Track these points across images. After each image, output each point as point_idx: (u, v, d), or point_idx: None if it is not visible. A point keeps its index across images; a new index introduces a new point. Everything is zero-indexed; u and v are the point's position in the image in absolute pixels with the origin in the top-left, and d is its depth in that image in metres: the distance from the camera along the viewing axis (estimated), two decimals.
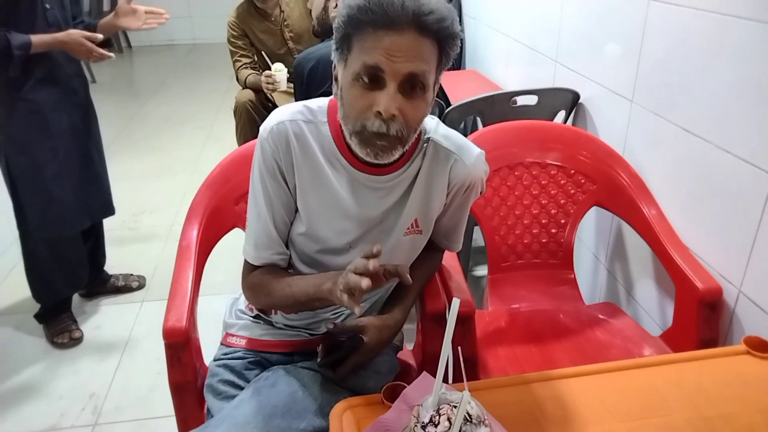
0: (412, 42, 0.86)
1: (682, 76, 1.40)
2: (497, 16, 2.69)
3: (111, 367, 1.99)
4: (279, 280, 1.04)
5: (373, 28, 0.86)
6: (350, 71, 0.90)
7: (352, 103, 0.90)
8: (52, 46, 1.76)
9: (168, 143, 4.00)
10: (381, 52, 0.86)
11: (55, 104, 1.88)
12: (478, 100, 1.83)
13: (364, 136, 0.91)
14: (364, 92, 0.89)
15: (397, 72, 0.86)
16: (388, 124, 0.89)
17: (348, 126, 0.93)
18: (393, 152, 0.93)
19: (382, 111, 0.87)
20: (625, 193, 1.53)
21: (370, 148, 0.92)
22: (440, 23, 0.87)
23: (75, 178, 2.00)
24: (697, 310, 1.29)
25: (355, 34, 0.88)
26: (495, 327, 1.48)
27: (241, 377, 1.08)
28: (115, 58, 1.95)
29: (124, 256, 2.60)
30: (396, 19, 0.85)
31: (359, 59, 0.88)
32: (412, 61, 0.87)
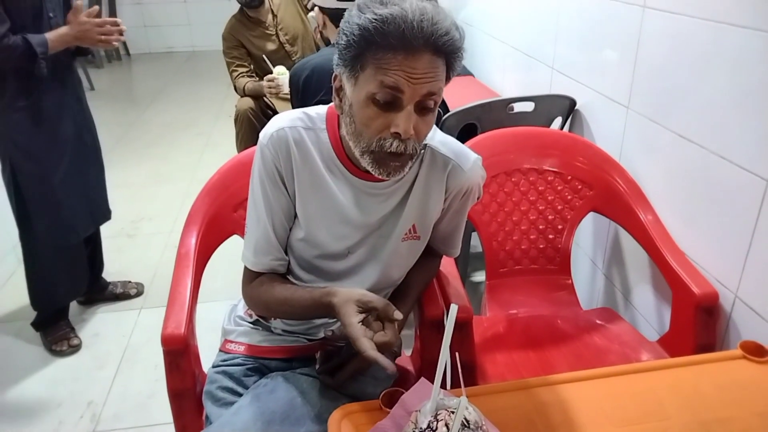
0: (428, 64, 0.86)
1: (677, 83, 1.41)
2: (494, 24, 2.71)
3: (109, 374, 1.98)
4: (277, 290, 1.05)
5: (389, 50, 0.85)
6: (364, 91, 0.89)
7: (367, 123, 0.90)
8: (66, 41, 1.77)
9: (167, 150, 4.01)
10: (400, 74, 0.85)
11: (60, 111, 1.89)
12: (475, 106, 1.84)
13: (379, 156, 0.92)
14: (380, 113, 0.89)
15: (416, 94, 0.87)
16: (406, 144, 0.90)
17: (361, 144, 0.93)
18: (404, 170, 0.95)
19: (401, 132, 0.88)
20: (621, 199, 1.54)
21: (383, 168, 0.93)
22: (452, 42, 0.87)
23: (80, 184, 2.02)
24: (694, 314, 1.29)
25: (369, 55, 0.87)
26: (493, 333, 1.48)
27: (240, 384, 1.08)
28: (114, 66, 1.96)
29: (122, 263, 2.60)
30: (413, 42, 0.84)
31: (375, 79, 0.87)
32: (429, 82, 0.87)
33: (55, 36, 1.75)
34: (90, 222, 2.13)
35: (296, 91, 1.74)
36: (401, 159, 0.92)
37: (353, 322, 0.89)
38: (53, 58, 1.81)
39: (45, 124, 1.86)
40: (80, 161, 2.02)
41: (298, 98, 1.74)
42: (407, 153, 0.91)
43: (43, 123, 1.86)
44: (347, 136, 0.96)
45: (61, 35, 1.76)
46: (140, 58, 6.80)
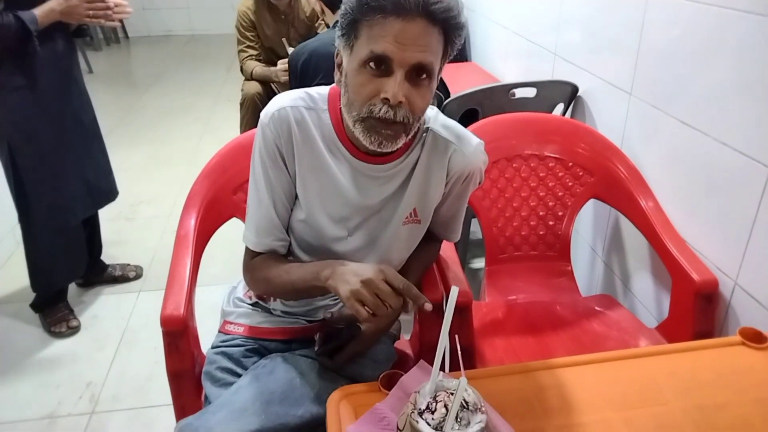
0: (421, 30, 0.86)
1: (680, 69, 1.40)
2: (496, 9, 2.69)
3: (108, 356, 1.99)
4: (278, 267, 1.04)
5: (382, 15, 0.86)
6: (357, 57, 0.89)
7: (358, 90, 0.90)
8: (51, 18, 1.74)
9: (165, 134, 3.99)
10: (390, 39, 0.86)
11: (57, 92, 1.87)
12: (477, 91, 1.83)
13: (369, 123, 0.91)
14: (371, 78, 0.89)
15: (405, 60, 0.87)
16: (395, 110, 0.89)
17: (353, 113, 0.92)
18: (397, 140, 0.93)
19: (390, 97, 0.87)
20: (622, 186, 1.53)
21: (375, 136, 0.92)
22: (448, 13, 0.87)
23: (79, 165, 2.00)
24: (693, 301, 1.29)
25: (364, 20, 0.88)
26: (492, 318, 1.49)
27: (239, 365, 1.08)
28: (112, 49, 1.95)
29: (121, 247, 2.59)
30: (406, 6, 0.84)
31: (367, 46, 0.87)
32: (421, 51, 0.87)
33: (41, 12, 1.72)
34: (90, 203, 2.11)
35: (295, 74, 1.75)
36: (392, 127, 0.91)
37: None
38: (50, 38, 1.79)
39: (42, 104, 1.84)
40: (79, 142, 2.00)
41: (296, 81, 1.75)
42: (397, 120, 0.90)
43: (40, 103, 1.84)
44: (343, 110, 0.96)
45: (47, 11, 1.73)
46: (139, 41, 6.74)
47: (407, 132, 0.93)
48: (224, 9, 6.52)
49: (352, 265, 0.93)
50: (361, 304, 0.86)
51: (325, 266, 0.96)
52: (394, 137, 0.92)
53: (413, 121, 0.92)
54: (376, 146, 0.93)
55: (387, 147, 0.94)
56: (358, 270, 0.90)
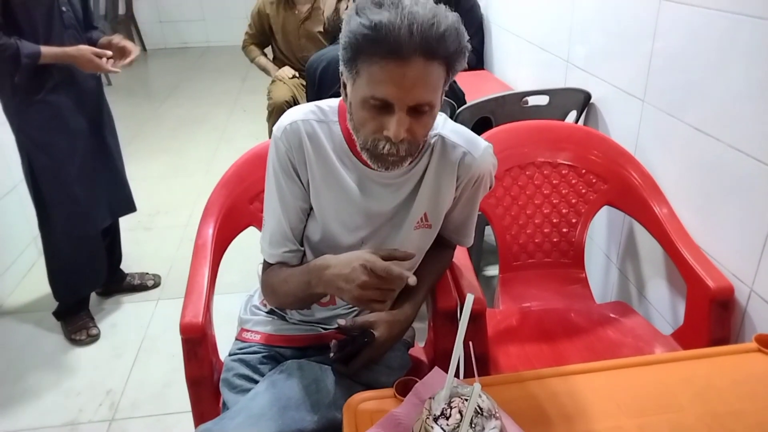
0: (420, 71, 0.86)
1: (693, 76, 1.40)
2: (508, 17, 2.70)
3: (127, 363, 2.02)
4: (278, 277, 1.07)
5: (380, 58, 0.85)
6: (359, 94, 0.91)
7: (362, 123, 0.93)
8: (60, 59, 1.78)
9: (182, 144, 4.05)
10: (389, 84, 0.86)
11: (73, 105, 1.91)
12: (489, 100, 1.84)
13: (374, 154, 0.94)
14: (374, 116, 0.91)
15: (406, 103, 0.88)
16: (398, 146, 0.92)
17: (359, 140, 0.96)
18: (403, 164, 0.98)
19: (392, 137, 0.90)
20: (636, 193, 1.53)
21: (381, 163, 0.96)
22: (448, 45, 0.86)
23: (96, 176, 2.04)
24: (709, 308, 1.29)
25: (362, 60, 0.88)
26: (506, 325, 1.49)
27: (256, 371, 1.10)
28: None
29: (139, 256, 2.63)
30: (404, 49, 0.84)
31: (368, 88, 0.88)
32: (420, 91, 0.87)
33: (51, 52, 1.76)
34: (107, 214, 2.15)
35: (312, 82, 1.76)
36: (397, 156, 0.94)
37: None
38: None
39: (59, 119, 1.88)
40: (97, 155, 2.04)
41: (314, 90, 1.76)
42: (400, 155, 0.93)
43: (56, 118, 1.88)
44: (351, 128, 0.99)
45: (57, 55, 1.77)
46: (156, 54, 6.85)
47: (413, 154, 0.97)
48: (239, 20, 6.56)
49: (334, 268, 0.96)
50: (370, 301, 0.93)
51: (311, 275, 0.99)
52: (400, 162, 0.96)
53: (417, 147, 0.96)
54: (383, 170, 0.98)
55: (392, 170, 0.98)
56: (346, 275, 0.93)
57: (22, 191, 2.42)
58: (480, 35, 2.96)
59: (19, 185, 2.45)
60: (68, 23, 1.85)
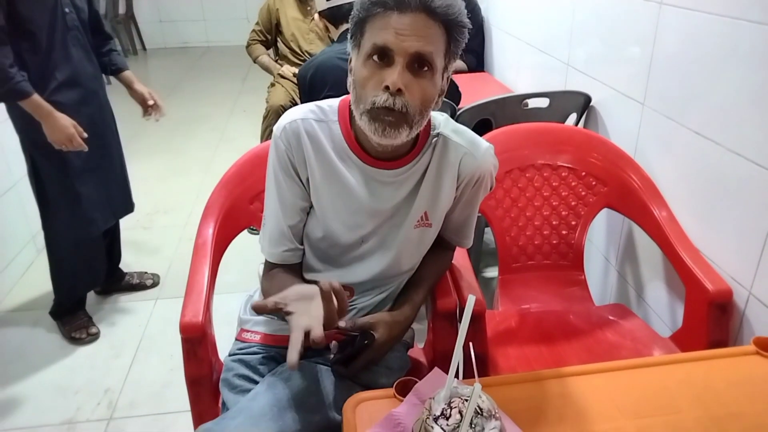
0: (420, 22, 0.91)
1: (693, 80, 1.41)
2: (509, 20, 2.71)
3: (126, 363, 2.02)
4: (275, 285, 1.07)
5: (383, 10, 0.92)
6: (362, 54, 0.95)
7: (363, 83, 0.94)
8: (42, 114, 1.75)
9: (182, 144, 4.05)
10: (390, 32, 0.91)
11: (77, 105, 1.90)
12: (489, 102, 1.84)
13: (372, 113, 0.94)
14: (375, 71, 0.93)
15: (404, 50, 0.91)
16: (395, 98, 0.92)
17: (359, 107, 0.96)
18: (399, 130, 0.94)
19: (389, 84, 0.91)
20: (636, 196, 1.53)
21: (377, 123, 0.94)
22: (448, 9, 0.92)
23: (99, 176, 2.04)
24: (707, 311, 1.29)
25: (368, 18, 0.93)
26: (505, 327, 1.49)
27: (256, 372, 1.10)
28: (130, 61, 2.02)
29: (138, 255, 2.64)
30: (405, 1, 0.90)
31: (370, 41, 0.93)
32: (419, 41, 0.91)
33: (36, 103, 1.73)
34: (110, 215, 2.15)
35: (304, 88, 1.84)
36: (393, 114, 0.93)
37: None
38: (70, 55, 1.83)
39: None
40: (99, 156, 2.02)
41: (306, 95, 1.84)
42: (397, 109, 0.92)
43: None
44: (353, 109, 0.99)
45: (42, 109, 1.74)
46: (156, 53, 6.85)
47: (409, 123, 0.95)
48: (240, 20, 6.62)
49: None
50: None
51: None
52: (396, 125, 0.94)
53: (414, 112, 0.94)
54: (380, 134, 0.95)
55: (390, 135, 0.94)
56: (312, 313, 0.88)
57: (21, 189, 2.42)
58: (480, 37, 2.97)
59: (18, 183, 2.45)
60: (71, 25, 1.85)
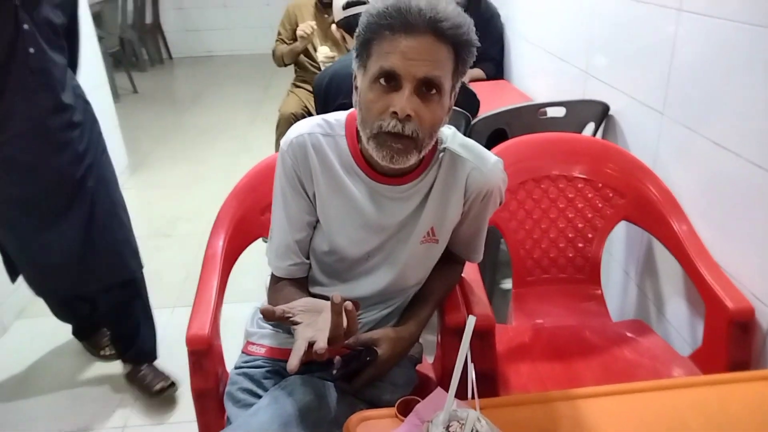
0: (428, 46, 0.89)
1: (714, 89, 1.36)
2: (528, 27, 2.67)
3: None
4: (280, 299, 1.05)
5: (390, 32, 0.90)
6: (369, 75, 0.93)
7: (369, 107, 0.93)
8: None
9: (204, 152, 4.10)
10: (398, 55, 0.89)
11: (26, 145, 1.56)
12: (504, 112, 1.82)
13: (381, 138, 0.93)
14: (381, 95, 0.92)
15: (412, 75, 0.89)
16: (404, 125, 0.91)
17: (366, 130, 0.95)
18: (408, 156, 0.94)
19: (398, 111, 0.90)
20: (654, 208, 1.49)
21: (386, 150, 0.93)
22: (456, 29, 0.90)
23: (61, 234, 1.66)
24: (728, 330, 1.24)
25: (374, 39, 0.92)
26: (518, 342, 1.46)
27: (260, 386, 1.09)
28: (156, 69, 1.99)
29: (159, 262, 2.66)
30: (413, 23, 0.88)
31: (377, 63, 0.91)
32: (428, 65, 0.89)
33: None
34: (81, 280, 1.75)
35: (319, 96, 1.84)
36: (402, 141, 0.92)
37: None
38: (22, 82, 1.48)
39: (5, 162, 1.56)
40: (63, 206, 1.64)
41: (321, 103, 1.83)
42: (405, 134, 0.91)
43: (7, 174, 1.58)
44: (359, 129, 0.98)
45: None
46: (182, 62, 6.97)
47: (418, 148, 0.94)
48: (263, 29, 6.68)
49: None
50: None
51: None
52: (405, 151, 0.93)
53: (423, 136, 0.93)
54: (388, 161, 0.94)
55: (398, 162, 0.94)
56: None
57: None
58: (500, 45, 2.94)
59: None
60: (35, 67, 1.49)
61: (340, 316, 0.83)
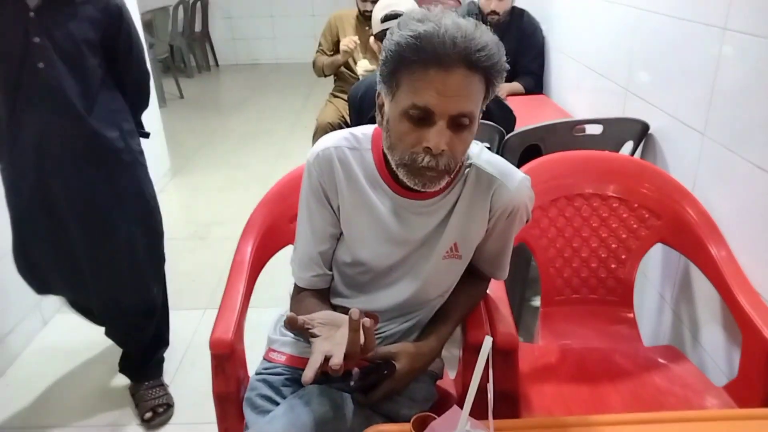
0: (462, 80, 0.87)
1: (758, 110, 1.31)
2: (569, 42, 2.64)
3: (171, 369, 2.07)
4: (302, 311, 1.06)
5: (422, 66, 0.87)
6: (399, 106, 0.91)
7: (401, 137, 0.92)
8: None
9: (244, 158, 4.18)
10: (431, 92, 0.87)
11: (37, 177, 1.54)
12: (539, 128, 1.79)
13: (413, 169, 0.93)
14: (413, 128, 0.90)
15: (447, 112, 0.88)
16: (437, 159, 0.90)
17: (395, 157, 0.95)
18: (440, 182, 0.96)
19: (432, 147, 0.89)
20: (692, 232, 1.44)
21: (418, 179, 0.94)
22: (490, 60, 0.87)
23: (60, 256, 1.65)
24: (766, 362, 1.19)
25: (404, 71, 0.89)
26: (544, 363, 1.43)
27: (278, 393, 1.10)
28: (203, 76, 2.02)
29: (193, 264, 2.73)
30: (446, 58, 0.85)
31: (409, 97, 0.89)
32: (462, 101, 0.88)
33: None
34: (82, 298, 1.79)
35: (355, 107, 1.86)
36: (436, 171, 0.92)
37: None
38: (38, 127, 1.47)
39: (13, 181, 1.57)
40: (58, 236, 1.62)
41: (355, 114, 1.85)
42: (440, 168, 0.91)
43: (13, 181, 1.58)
44: (386, 151, 0.98)
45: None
46: (228, 69, 7.17)
47: (450, 173, 0.95)
48: (306, 38, 6.81)
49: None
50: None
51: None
52: (438, 179, 0.95)
53: (455, 164, 0.94)
54: (420, 187, 0.96)
55: (430, 188, 0.96)
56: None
57: None
58: (540, 59, 2.91)
59: None
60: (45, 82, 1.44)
61: (357, 332, 0.83)
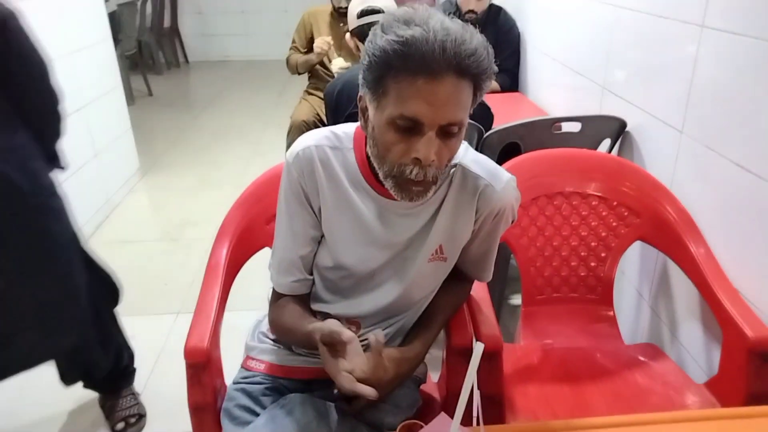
0: (451, 88, 0.83)
1: (735, 108, 1.32)
2: (545, 40, 2.64)
3: (142, 378, 2.01)
4: (286, 317, 1.04)
5: (410, 75, 0.82)
6: (385, 115, 0.86)
7: (388, 147, 0.89)
8: None
9: (217, 156, 4.10)
10: (420, 102, 0.83)
11: None
12: (518, 125, 1.78)
13: (400, 181, 0.90)
14: (401, 137, 0.87)
15: (436, 122, 0.84)
16: (426, 170, 0.87)
17: (384, 168, 0.91)
18: (427, 194, 0.93)
19: (421, 158, 0.86)
20: (671, 229, 1.44)
21: (405, 193, 0.91)
22: (480, 66, 0.84)
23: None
24: (747, 359, 1.19)
25: (390, 78, 0.84)
26: (526, 363, 1.42)
27: (258, 403, 1.06)
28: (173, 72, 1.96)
29: (165, 266, 2.65)
30: (435, 65, 0.81)
31: (396, 107, 0.84)
32: (451, 110, 0.84)
33: None
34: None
35: (330, 105, 1.81)
36: (423, 184, 0.90)
37: (328, 358, 0.89)
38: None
39: None
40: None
41: (331, 112, 1.81)
42: (428, 180, 0.89)
43: None
44: (372, 159, 0.95)
45: None
46: (198, 66, 7.02)
47: (436, 183, 0.93)
48: (279, 35, 6.67)
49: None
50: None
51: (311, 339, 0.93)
52: (425, 192, 0.92)
53: (442, 172, 0.92)
54: (407, 200, 0.93)
55: (417, 200, 0.93)
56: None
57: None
58: (516, 57, 2.91)
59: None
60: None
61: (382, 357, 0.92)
